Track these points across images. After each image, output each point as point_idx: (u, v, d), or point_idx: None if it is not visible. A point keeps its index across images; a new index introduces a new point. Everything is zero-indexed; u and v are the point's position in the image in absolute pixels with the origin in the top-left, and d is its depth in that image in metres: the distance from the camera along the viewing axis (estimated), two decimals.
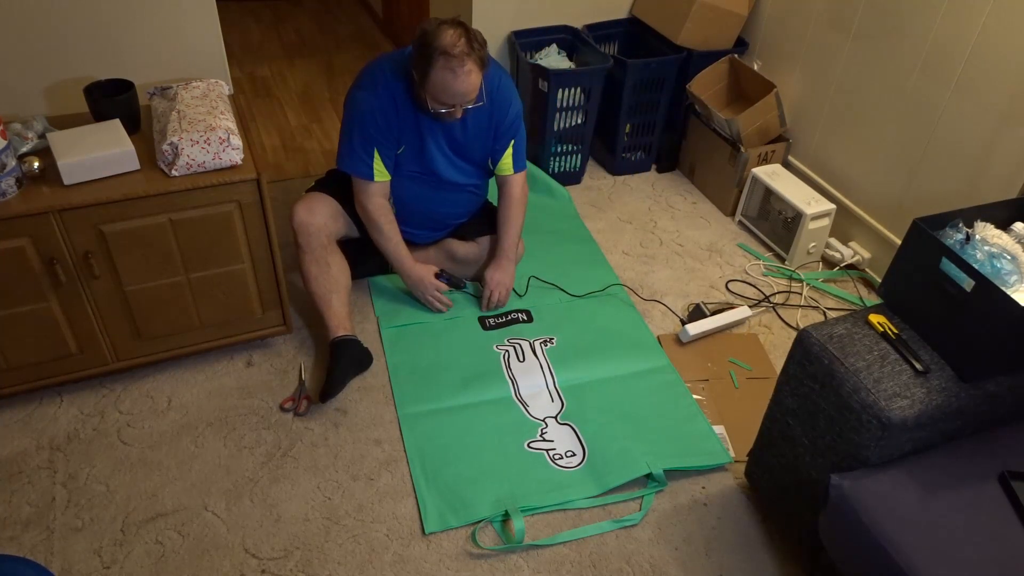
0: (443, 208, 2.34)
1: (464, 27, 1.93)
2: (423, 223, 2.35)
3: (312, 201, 2.18)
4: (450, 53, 1.89)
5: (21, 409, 2.02)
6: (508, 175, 2.31)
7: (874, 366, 1.47)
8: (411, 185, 2.23)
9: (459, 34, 1.90)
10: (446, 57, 1.89)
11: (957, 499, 1.40)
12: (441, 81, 1.93)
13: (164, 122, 1.89)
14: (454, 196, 2.32)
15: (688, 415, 2.08)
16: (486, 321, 2.37)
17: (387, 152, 2.12)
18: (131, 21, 2.12)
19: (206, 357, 2.20)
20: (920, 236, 1.53)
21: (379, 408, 2.08)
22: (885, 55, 2.42)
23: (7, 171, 1.71)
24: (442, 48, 1.89)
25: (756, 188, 2.82)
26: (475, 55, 1.92)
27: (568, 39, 3.06)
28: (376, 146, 2.09)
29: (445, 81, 1.93)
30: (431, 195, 2.27)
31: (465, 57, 1.90)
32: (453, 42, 1.89)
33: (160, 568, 1.69)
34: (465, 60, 1.91)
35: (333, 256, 2.19)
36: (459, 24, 1.92)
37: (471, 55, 1.91)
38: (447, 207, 2.34)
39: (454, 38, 1.89)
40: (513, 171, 2.31)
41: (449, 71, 1.91)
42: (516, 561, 1.74)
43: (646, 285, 2.58)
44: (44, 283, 1.83)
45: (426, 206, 2.29)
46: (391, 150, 2.12)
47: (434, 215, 2.33)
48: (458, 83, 1.93)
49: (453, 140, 2.18)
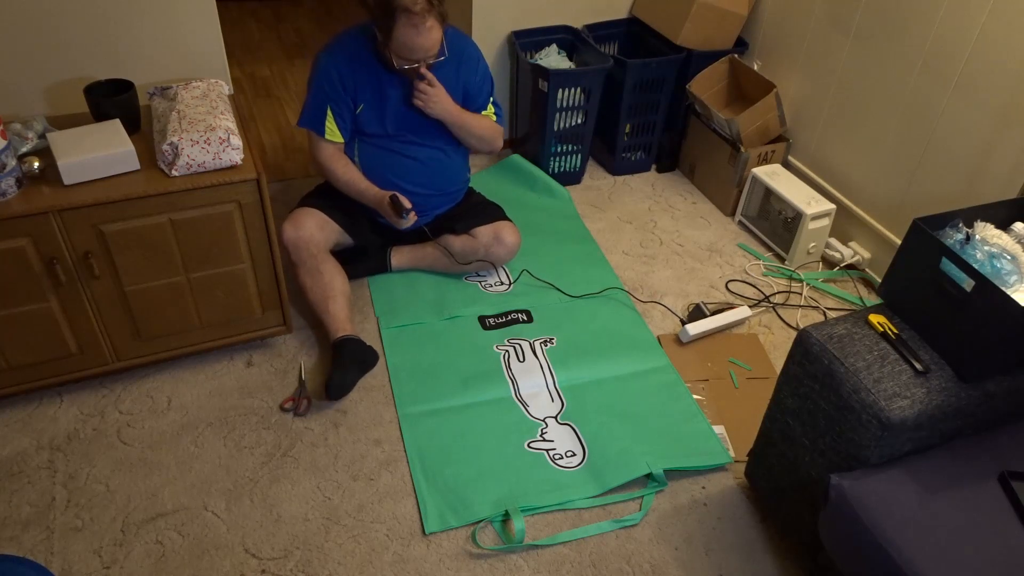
0: (410, 177, 2.30)
1: None
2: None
3: (297, 216, 2.22)
4: (411, 10, 1.94)
5: (21, 409, 2.03)
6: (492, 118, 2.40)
7: (874, 366, 1.47)
8: (376, 152, 2.25)
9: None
10: (408, 14, 1.95)
11: (957, 499, 1.39)
12: (404, 38, 1.99)
13: (164, 122, 1.89)
14: (419, 167, 2.30)
15: (688, 415, 2.08)
16: (486, 321, 2.37)
17: (340, 111, 2.17)
18: (131, 21, 2.12)
19: (206, 357, 2.20)
20: (920, 236, 1.53)
21: (379, 408, 2.08)
22: (885, 55, 2.42)
23: (7, 171, 1.71)
24: (403, 6, 1.94)
25: (756, 188, 2.82)
26: (436, 11, 1.99)
27: (568, 39, 3.06)
28: (330, 103, 2.15)
29: (408, 37, 1.99)
30: (397, 161, 2.27)
31: (426, 13, 1.96)
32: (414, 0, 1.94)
33: (160, 568, 1.69)
34: (427, 16, 1.97)
35: (325, 264, 2.21)
36: None
37: (432, 11, 1.98)
38: (414, 176, 2.31)
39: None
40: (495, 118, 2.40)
41: (412, 27, 1.97)
42: (516, 561, 1.74)
43: (646, 285, 2.58)
44: (44, 283, 1.83)
45: (393, 173, 2.28)
46: (345, 109, 2.17)
47: (401, 186, 2.29)
48: (421, 39, 1.99)
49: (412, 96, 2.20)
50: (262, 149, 3.21)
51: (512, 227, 2.45)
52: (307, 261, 2.18)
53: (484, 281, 2.52)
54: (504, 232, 2.40)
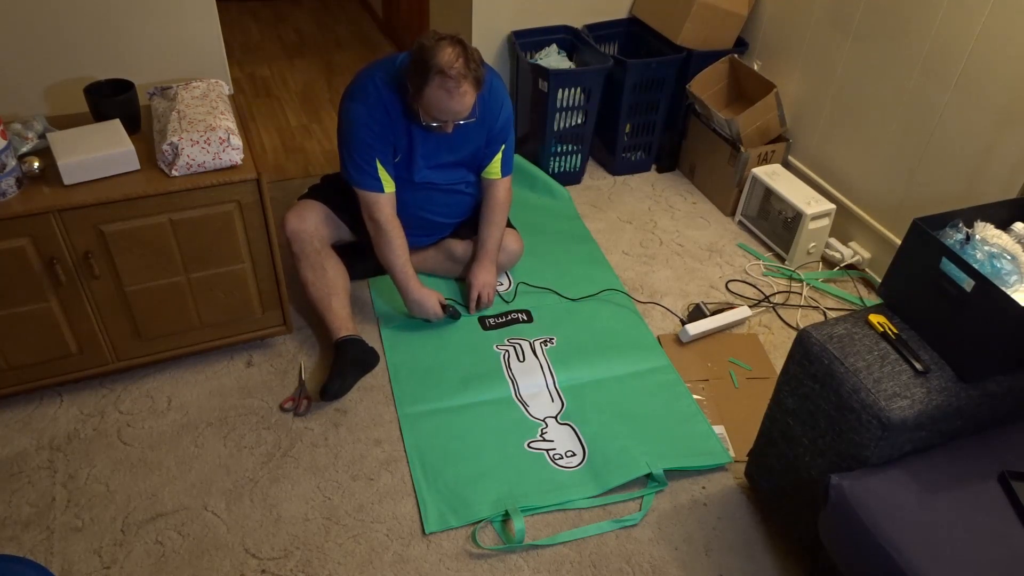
0: (436, 211, 2.32)
1: (463, 45, 1.91)
2: (418, 229, 2.33)
3: (301, 208, 2.19)
4: (447, 74, 1.87)
5: (21, 409, 2.03)
6: (495, 179, 2.31)
7: (874, 366, 1.47)
8: (402, 191, 2.20)
9: (457, 53, 1.88)
10: (442, 77, 1.87)
11: (957, 499, 1.40)
12: (436, 99, 1.92)
13: (164, 122, 1.89)
14: (445, 199, 2.30)
15: (688, 415, 2.08)
16: (486, 321, 2.37)
17: (386, 160, 2.10)
18: (131, 21, 2.12)
19: (206, 357, 2.20)
20: (920, 236, 1.53)
21: (379, 408, 2.08)
22: (885, 55, 2.42)
23: (7, 171, 1.71)
24: (439, 67, 1.86)
25: (756, 188, 2.82)
26: (472, 76, 1.91)
27: (568, 39, 3.06)
28: (376, 155, 2.07)
29: (440, 100, 1.92)
30: (423, 199, 2.26)
31: (462, 79, 1.89)
32: (451, 62, 1.87)
33: (160, 568, 1.69)
34: (462, 81, 1.89)
35: (328, 260, 2.19)
36: (458, 42, 1.90)
37: (468, 76, 1.90)
38: (440, 209, 2.33)
39: (452, 57, 1.87)
40: (500, 175, 2.30)
41: (445, 91, 1.90)
42: (516, 561, 1.74)
43: (646, 285, 2.58)
44: (44, 283, 1.83)
45: (418, 211, 2.28)
46: (390, 157, 2.11)
47: (427, 219, 2.32)
48: (453, 103, 1.92)
49: (441, 144, 2.17)
50: (262, 149, 3.21)
51: (515, 234, 2.46)
52: (310, 255, 2.16)
53: None
54: (507, 239, 2.41)
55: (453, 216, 2.39)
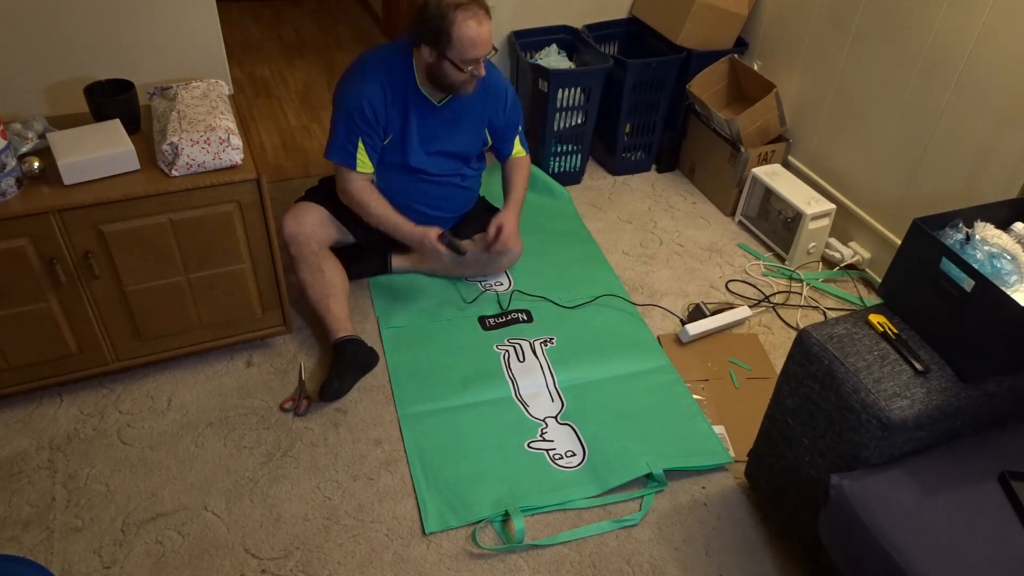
0: (430, 204, 2.32)
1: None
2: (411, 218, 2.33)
3: (299, 211, 2.20)
4: (464, 5, 1.92)
5: (21, 409, 2.03)
6: (521, 156, 2.41)
7: (874, 366, 1.47)
8: (392, 177, 2.23)
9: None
10: (462, 9, 1.92)
11: (957, 499, 1.40)
12: (467, 32, 1.95)
13: (164, 122, 1.89)
14: (439, 191, 2.31)
15: (688, 415, 2.08)
16: (486, 321, 2.37)
17: (371, 143, 2.13)
18: (131, 21, 2.12)
19: (206, 357, 2.20)
20: (920, 236, 1.53)
21: (379, 408, 2.08)
22: (885, 55, 2.42)
23: (7, 171, 1.71)
24: (456, 2, 1.92)
25: (756, 188, 2.82)
26: (482, 5, 1.98)
27: (568, 39, 3.06)
28: (361, 136, 2.10)
29: (471, 30, 1.95)
30: (416, 190, 2.27)
31: (477, 6, 1.96)
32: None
33: (160, 568, 1.69)
34: (478, 9, 1.96)
35: (326, 261, 2.20)
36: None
37: (480, 4, 1.97)
38: (434, 202, 2.33)
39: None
40: (524, 152, 2.41)
41: (474, 20, 1.94)
42: (516, 561, 1.74)
43: (646, 285, 2.58)
44: (44, 283, 1.83)
45: (412, 203, 2.28)
46: (376, 141, 2.14)
47: (421, 212, 2.30)
48: (483, 29, 1.97)
49: (438, 128, 2.19)
50: (262, 149, 3.21)
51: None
52: (308, 257, 2.17)
53: (484, 281, 2.52)
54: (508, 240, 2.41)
55: (447, 211, 2.39)
